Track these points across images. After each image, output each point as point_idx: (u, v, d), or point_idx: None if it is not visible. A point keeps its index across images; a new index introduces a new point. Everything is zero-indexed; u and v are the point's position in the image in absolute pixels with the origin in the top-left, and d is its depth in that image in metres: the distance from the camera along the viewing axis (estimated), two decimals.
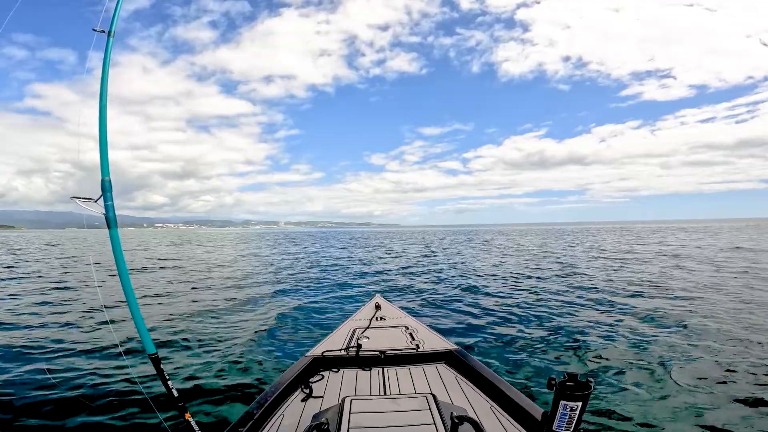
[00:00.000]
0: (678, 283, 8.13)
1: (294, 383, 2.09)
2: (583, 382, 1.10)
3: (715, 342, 4.21)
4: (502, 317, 5.62)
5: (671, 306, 6.05)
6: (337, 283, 9.72)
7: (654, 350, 3.99)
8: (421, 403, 1.48)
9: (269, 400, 1.86)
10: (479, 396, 1.95)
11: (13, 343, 4.51)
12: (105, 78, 1.58)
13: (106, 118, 1.69)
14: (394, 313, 3.30)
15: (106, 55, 1.55)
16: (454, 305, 6.56)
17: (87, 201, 1.73)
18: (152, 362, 1.82)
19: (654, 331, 4.74)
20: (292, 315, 6.02)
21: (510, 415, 1.73)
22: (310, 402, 1.95)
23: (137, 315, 1.80)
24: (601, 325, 5.05)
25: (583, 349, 4.12)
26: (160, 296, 7.81)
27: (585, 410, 1.10)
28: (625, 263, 12.35)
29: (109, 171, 1.75)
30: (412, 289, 8.44)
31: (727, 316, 5.28)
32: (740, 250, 16.33)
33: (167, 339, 4.69)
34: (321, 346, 2.53)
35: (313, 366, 2.31)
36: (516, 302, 6.66)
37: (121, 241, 1.80)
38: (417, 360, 2.37)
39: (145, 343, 1.81)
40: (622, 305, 6.24)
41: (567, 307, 6.23)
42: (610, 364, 3.69)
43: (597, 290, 7.65)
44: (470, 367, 2.18)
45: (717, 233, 35.53)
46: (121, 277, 1.77)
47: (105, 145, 1.68)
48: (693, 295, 6.82)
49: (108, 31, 1.55)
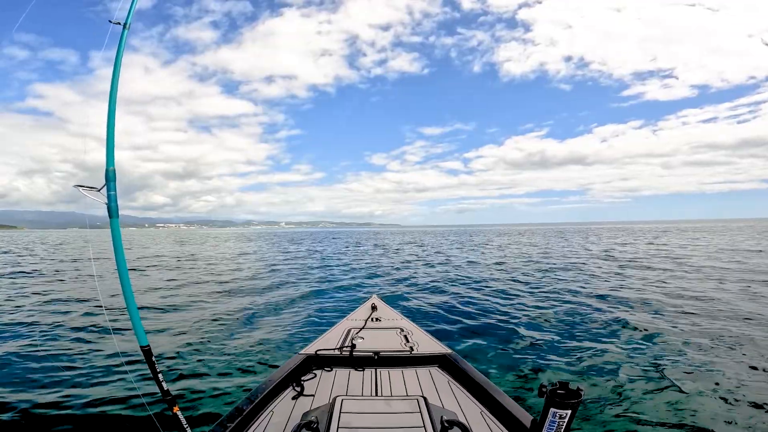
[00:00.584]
0: (676, 290, 8.11)
1: (285, 381, 2.09)
2: (573, 390, 1.11)
3: (714, 352, 4.22)
4: (495, 322, 5.61)
5: (670, 313, 6.04)
6: (335, 282, 9.71)
7: (648, 359, 3.98)
8: (413, 405, 1.49)
9: (259, 397, 1.86)
10: (470, 401, 1.95)
11: (7, 329, 4.48)
12: (117, 69, 1.60)
13: (115, 110, 1.71)
14: (390, 314, 3.31)
15: (120, 47, 1.57)
16: (448, 308, 6.56)
17: (90, 190, 1.74)
18: (143, 354, 1.81)
19: (651, 340, 4.74)
20: (286, 312, 6.01)
21: (500, 421, 1.73)
22: (300, 400, 1.94)
23: (132, 305, 1.79)
24: (597, 333, 5.05)
25: (576, 357, 4.12)
26: (155, 291, 7.77)
27: (574, 418, 1.11)
28: (624, 267, 12.33)
29: (114, 161, 1.76)
30: (408, 291, 8.43)
31: (727, 322, 5.29)
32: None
33: (160, 333, 4.67)
34: (315, 345, 2.53)
35: (306, 364, 2.31)
36: (511, 307, 6.66)
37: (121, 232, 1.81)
38: (410, 362, 2.37)
39: (137, 334, 1.80)
40: (618, 311, 6.24)
41: (561, 313, 6.23)
42: (602, 372, 3.69)
43: (595, 296, 7.65)
44: (462, 372, 2.18)
45: (722, 233, 35.34)
46: (119, 267, 1.78)
47: (112, 136, 1.69)
48: (692, 301, 6.80)
49: (124, 24, 1.58)
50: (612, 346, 4.34)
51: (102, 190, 1.79)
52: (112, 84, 1.60)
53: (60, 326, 4.82)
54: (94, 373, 3.34)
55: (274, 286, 8.81)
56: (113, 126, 1.69)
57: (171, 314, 5.70)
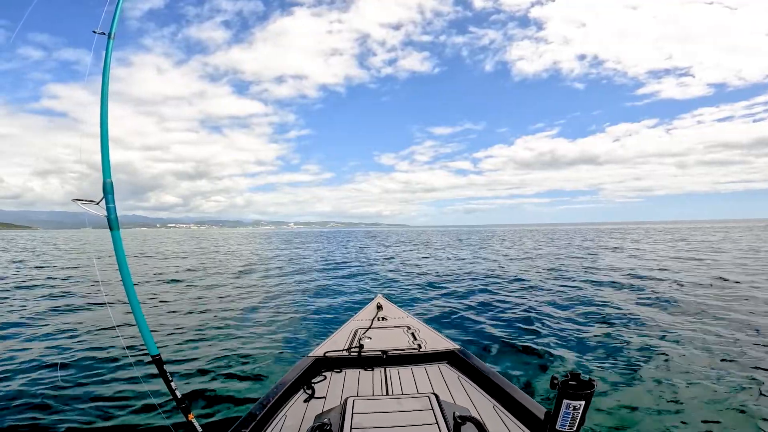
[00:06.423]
0: (690, 286, 8.06)
1: (296, 384, 2.09)
2: (586, 381, 1.09)
3: (731, 344, 4.18)
4: (503, 316, 5.60)
5: (681, 306, 6.01)
6: (340, 282, 9.73)
7: (660, 349, 3.97)
8: (424, 403, 1.48)
9: (272, 401, 1.86)
10: (482, 395, 1.94)
11: (20, 342, 4.54)
12: (106, 80, 1.58)
13: (107, 121, 1.69)
14: (396, 313, 3.30)
15: (107, 58, 1.55)
16: (455, 305, 6.55)
17: (89, 203, 1.74)
18: (155, 364, 1.82)
19: (660, 330, 4.72)
20: (294, 315, 6.03)
21: (513, 415, 1.72)
22: (312, 402, 1.94)
23: (140, 316, 1.80)
24: (605, 324, 5.03)
25: (587, 348, 4.10)
26: (162, 296, 7.84)
27: (588, 409, 1.09)
28: (632, 263, 12.29)
29: (110, 173, 1.75)
30: (414, 289, 8.43)
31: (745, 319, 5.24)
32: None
33: (169, 340, 4.71)
34: (323, 347, 2.53)
35: (315, 366, 2.31)
36: (519, 301, 6.64)
37: (123, 242, 1.80)
38: (419, 360, 2.37)
39: (147, 344, 1.81)
40: (628, 304, 6.21)
41: (570, 305, 6.21)
42: (615, 362, 3.68)
43: (603, 290, 7.62)
44: (472, 367, 2.17)
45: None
46: (124, 279, 1.77)
47: (106, 148, 1.68)
48: (708, 297, 6.75)
49: (108, 33, 1.55)
50: (624, 341, 4.31)
51: (101, 203, 1.78)
52: (102, 94, 1.58)
53: (70, 338, 4.88)
54: (106, 385, 3.38)
55: (277, 288, 8.85)
56: (107, 138, 1.68)
57: (179, 320, 5.74)
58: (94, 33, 1.50)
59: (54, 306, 7.10)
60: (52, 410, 2.92)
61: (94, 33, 1.50)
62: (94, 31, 1.50)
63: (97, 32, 1.51)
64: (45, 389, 3.26)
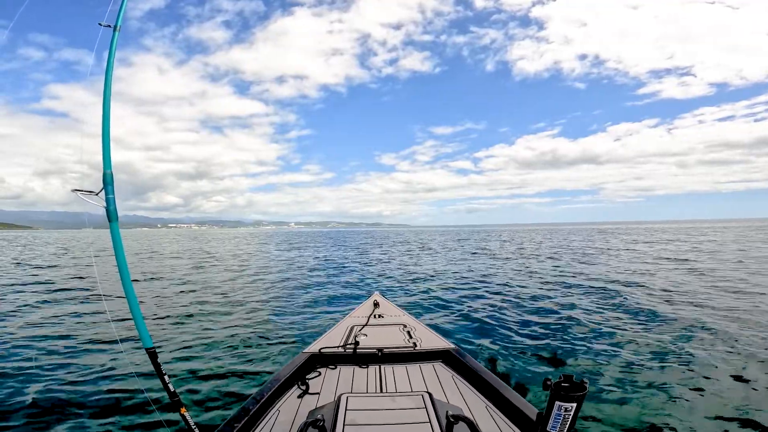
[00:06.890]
0: (687, 287, 8.05)
1: (290, 379, 2.09)
2: (578, 383, 1.10)
3: (721, 345, 4.19)
4: (499, 317, 5.61)
5: (676, 309, 6.02)
6: (337, 280, 9.73)
7: (652, 353, 3.97)
8: (417, 401, 1.48)
9: (265, 396, 1.87)
10: (475, 395, 1.95)
11: (9, 333, 4.53)
12: (109, 72, 1.59)
13: (110, 112, 1.70)
14: (392, 311, 3.31)
15: (111, 49, 1.56)
16: (451, 304, 6.56)
17: (88, 194, 1.74)
18: (149, 356, 1.82)
19: (654, 334, 4.72)
20: (290, 311, 6.03)
21: (505, 415, 1.73)
22: (306, 398, 1.95)
23: (135, 308, 1.80)
24: (599, 327, 5.03)
25: (580, 350, 4.11)
26: (158, 293, 7.83)
27: (579, 411, 1.10)
28: (629, 264, 12.28)
29: (111, 164, 1.76)
30: (411, 287, 8.44)
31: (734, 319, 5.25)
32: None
33: (164, 334, 4.71)
34: (318, 343, 2.53)
35: (310, 362, 2.31)
36: (513, 302, 6.65)
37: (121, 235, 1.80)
38: (414, 358, 2.37)
39: (142, 336, 1.81)
40: (622, 307, 6.21)
41: (564, 308, 6.21)
42: (607, 365, 3.68)
43: (597, 292, 7.62)
44: (467, 366, 2.18)
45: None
46: (121, 271, 1.78)
47: (108, 139, 1.69)
48: (702, 299, 6.76)
49: (114, 26, 1.56)
50: (617, 344, 4.31)
51: (100, 194, 1.79)
52: (105, 87, 1.59)
53: (66, 330, 4.87)
54: (100, 375, 3.37)
55: (274, 285, 8.85)
56: (108, 129, 1.69)
57: (173, 315, 5.74)
58: (100, 25, 1.51)
59: (52, 299, 7.09)
60: (36, 401, 2.91)
61: (100, 25, 1.51)
62: (100, 24, 1.51)
63: (102, 24, 1.52)
64: (32, 380, 3.25)
